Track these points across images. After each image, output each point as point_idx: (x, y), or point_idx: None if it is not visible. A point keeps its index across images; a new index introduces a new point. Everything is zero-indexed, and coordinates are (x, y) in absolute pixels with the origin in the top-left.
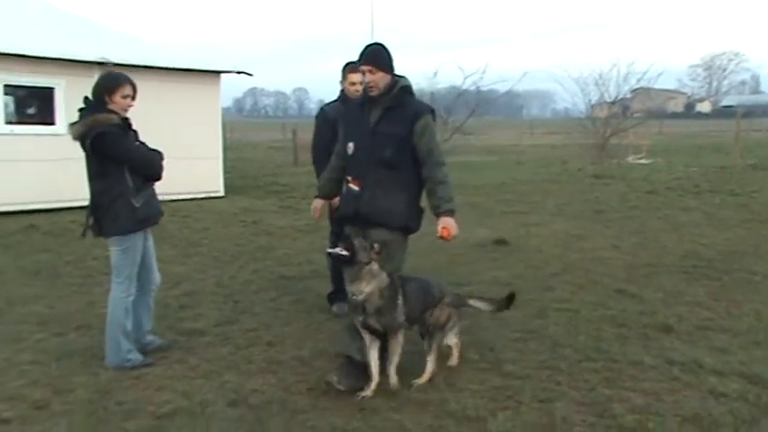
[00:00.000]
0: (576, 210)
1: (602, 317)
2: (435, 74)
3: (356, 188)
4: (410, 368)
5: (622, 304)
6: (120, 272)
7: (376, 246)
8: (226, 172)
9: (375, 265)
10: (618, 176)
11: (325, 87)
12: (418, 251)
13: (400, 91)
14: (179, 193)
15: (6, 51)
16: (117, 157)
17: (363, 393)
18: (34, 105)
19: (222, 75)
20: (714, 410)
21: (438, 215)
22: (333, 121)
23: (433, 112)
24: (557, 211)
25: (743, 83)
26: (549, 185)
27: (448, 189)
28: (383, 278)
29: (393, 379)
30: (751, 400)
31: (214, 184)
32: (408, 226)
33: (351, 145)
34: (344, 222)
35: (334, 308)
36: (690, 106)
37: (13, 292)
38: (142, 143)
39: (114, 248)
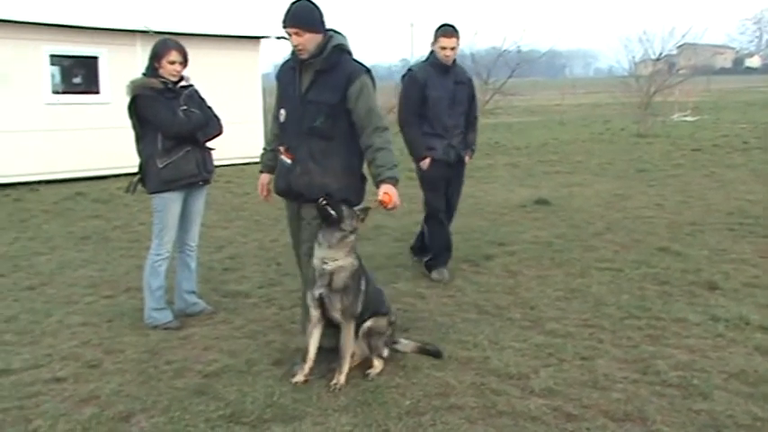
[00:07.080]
0: (619, 169)
1: (646, 275)
2: (476, 33)
3: (288, 161)
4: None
5: (666, 262)
6: (153, 231)
7: (361, 214)
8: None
9: (353, 238)
10: (662, 135)
11: (365, 49)
12: (460, 213)
13: (333, 51)
14: (221, 159)
15: (51, 22)
16: (147, 119)
17: (296, 379)
18: (79, 75)
19: (262, 40)
20: (760, 367)
21: (378, 184)
22: (422, 83)
23: (368, 72)
24: (599, 171)
25: None
26: (591, 145)
27: (389, 156)
28: (354, 257)
29: (340, 378)
30: None
31: (255, 149)
32: (347, 200)
33: (282, 112)
34: (280, 196)
35: (434, 274)
36: (739, 61)
37: (64, 256)
38: (205, 106)
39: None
